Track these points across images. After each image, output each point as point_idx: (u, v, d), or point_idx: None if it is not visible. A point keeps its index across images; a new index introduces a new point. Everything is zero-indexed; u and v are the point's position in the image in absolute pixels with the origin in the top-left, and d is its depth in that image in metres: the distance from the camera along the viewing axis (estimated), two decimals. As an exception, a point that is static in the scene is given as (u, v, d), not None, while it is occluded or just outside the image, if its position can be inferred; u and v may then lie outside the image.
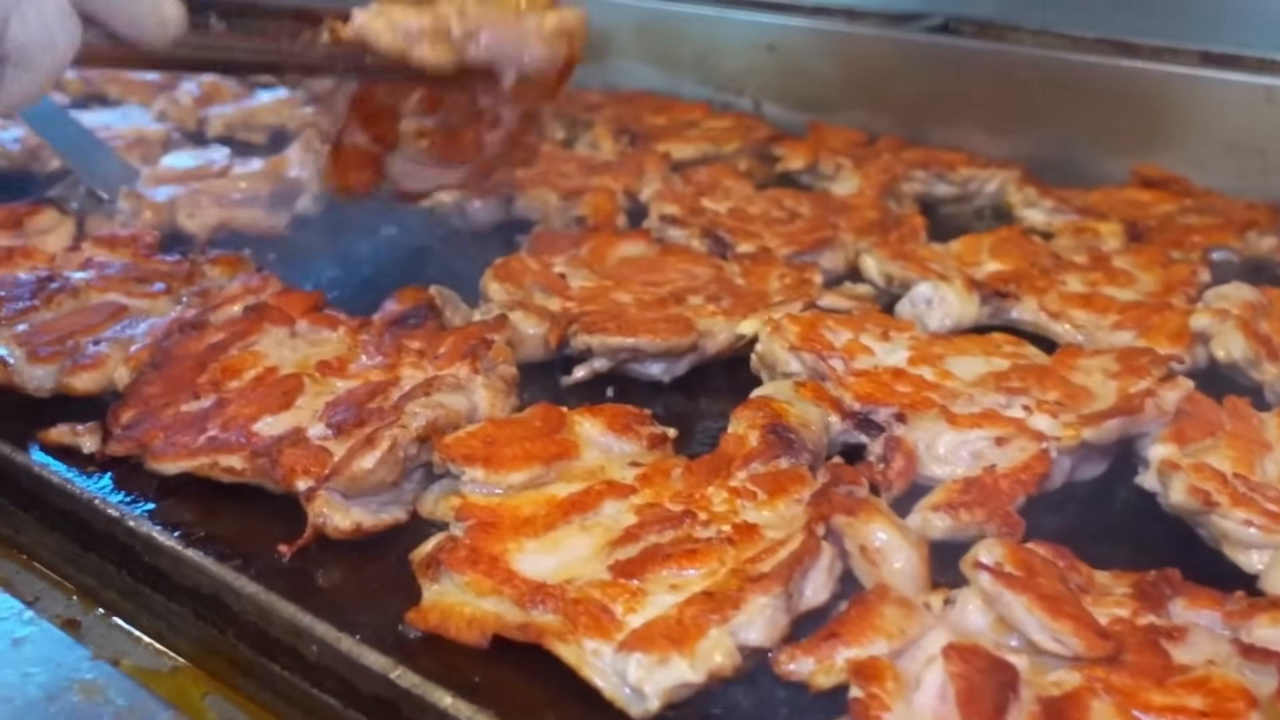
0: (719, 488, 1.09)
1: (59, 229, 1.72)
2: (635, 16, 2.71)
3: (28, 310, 1.44)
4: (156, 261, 1.58)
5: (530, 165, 1.82)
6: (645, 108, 2.50)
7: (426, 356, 1.34)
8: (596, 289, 1.57)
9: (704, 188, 1.98)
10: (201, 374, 1.30)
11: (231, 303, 1.43)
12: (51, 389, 1.34)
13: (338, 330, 1.40)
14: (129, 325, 1.42)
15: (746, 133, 2.33)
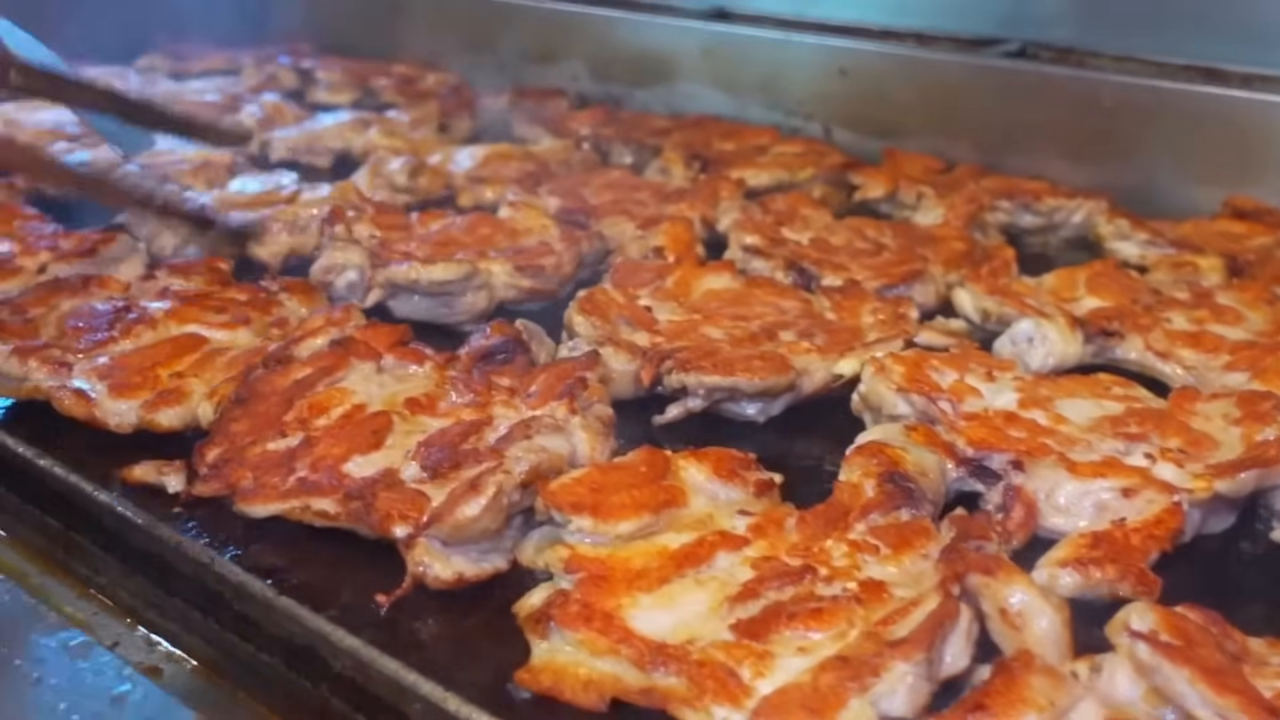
0: (838, 541, 1.04)
1: (131, 257, 1.69)
2: (701, 39, 2.67)
3: (106, 341, 1.40)
4: (232, 290, 1.54)
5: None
6: (713, 133, 2.45)
7: (518, 394, 1.29)
8: (684, 323, 1.52)
9: (783, 217, 1.93)
10: (288, 411, 1.26)
11: (314, 335, 1.39)
12: (134, 424, 1.30)
13: (424, 365, 1.36)
14: (209, 358, 1.38)
15: (819, 159, 2.28)
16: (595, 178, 2.16)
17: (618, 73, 2.78)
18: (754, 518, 1.09)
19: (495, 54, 2.97)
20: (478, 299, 1.58)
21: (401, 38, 3.16)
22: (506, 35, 2.95)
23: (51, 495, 1.26)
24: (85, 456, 1.30)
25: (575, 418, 1.21)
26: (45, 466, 1.26)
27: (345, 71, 2.93)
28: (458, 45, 3.04)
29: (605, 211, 1.95)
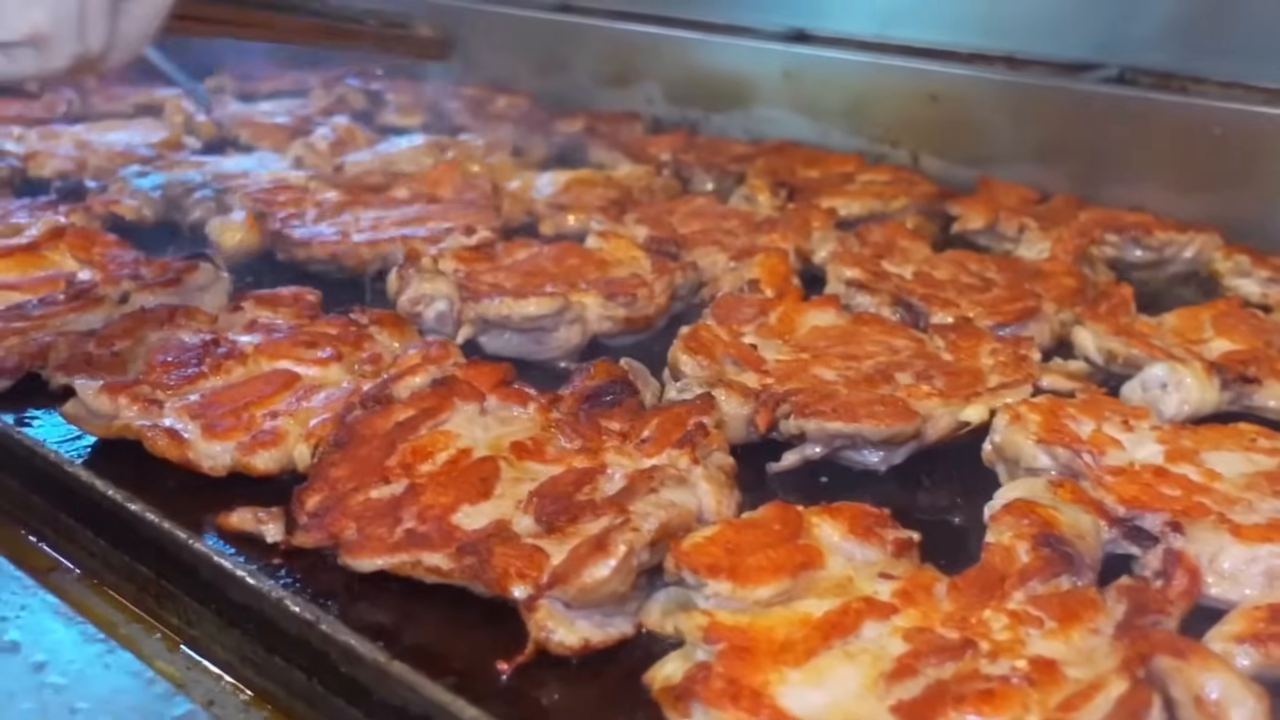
0: (996, 611, 0.96)
1: (216, 285, 1.64)
2: (781, 61, 2.60)
3: (196, 377, 1.35)
4: (322, 324, 1.48)
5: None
6: (796, 159, 2.38)
7: (630, 440, 1.22)
8: (794, 363, 1.45)
9: (881, 249, 1.85)
10: (390, 455, 1.20)
11: (412, 374, 1.33)
12: (228, 467, 1.24)
13: (528, 407, 1.29)
14: (303, 396, 1.32)
15: (909, 187, 2.20)
16: (680, 205, 2.09)
17: (694, 96, 2.72)
18: (898, 582, 1.01)
19: (567, 76, 2.92)
20: (570, 334, 1.51)
21: (470, 59, 3.10)
22: (578, 57, 2.89)
23: (142, 541, 1.20)
24: (176, 499, 1.24)
25: (697, 468, 1.14)
26: (136, 512, 1.20)
27: (414, 94, 2.88)
28: (528, 67, 2.99)
29: (695, 241, 1.89)
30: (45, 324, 1.51)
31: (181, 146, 2.41)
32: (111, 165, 2.25)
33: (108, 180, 2.15)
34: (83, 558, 1.28)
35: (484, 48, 3.11)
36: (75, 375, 1.31)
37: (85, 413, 1.30)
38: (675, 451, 1.17)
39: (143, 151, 2.32)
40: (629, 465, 1.18)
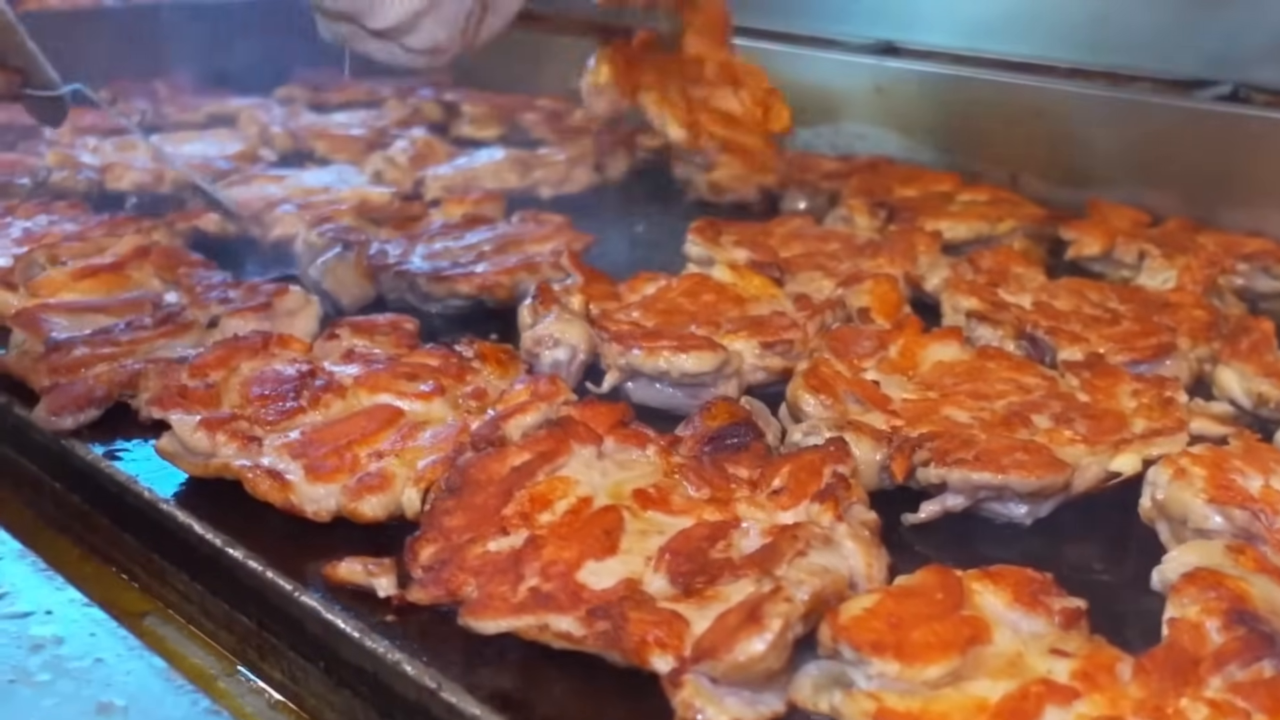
0: (1193, 700, 0.87)
1: (306, 310, 1.57)
2: (875, 76, 2.51)
3: (294, 412, 1.28)
4: (421, 354, 1.41)
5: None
6: (891, 177, 2.29)
7: (760, 489, 1.14)
8: (922, 403, 1.36)
9: (995, 275, 1.76)
10: (507, 503, 1.12)
11: (522, 412, 1.25)
12: (332, 511, 1.17)
13: (647, 449, 1.21)
14: (407, 433, 1.25)
15: (1013, 208, 2.11)
16: (776, 226, 2.01)
17: (779, 110, 2.62)
18: (1075, 660, 0.92)
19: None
20: (728, 388, 1.43)
21: (543, 69, 3.04)
22: (658, 69, 2.81)
23: (243, 589, 1.14)
24: (276, 542, 1.17)
25: (842, 525, 1.06)
26: (237, 559, 1.13)
27: (490, 105, 2.82)
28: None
29: (798, 266, 1.80)
30: (134, 350, 1.45)
31: (257, 159, 2.35)
32: (188, 178, 2.19)
33: (184, 193, 2.10)
34: (178, 602, 1.22)
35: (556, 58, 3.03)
36: (171, 410, 1.25)
37: (181, 449, 1.23)
38: (815, 506, 1.08)
39: (220, 164, 2.26)
40: (764, 519, 1.10)
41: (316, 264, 1.68)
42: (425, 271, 1.66)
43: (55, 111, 1.76)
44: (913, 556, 1.14)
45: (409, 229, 1.88)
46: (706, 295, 1.64)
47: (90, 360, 1.43)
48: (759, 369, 1.47)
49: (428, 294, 1.65)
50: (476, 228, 1.86)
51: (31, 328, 1.48)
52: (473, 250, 1.76)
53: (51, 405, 1.36)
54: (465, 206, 1.98)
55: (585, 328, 1.47)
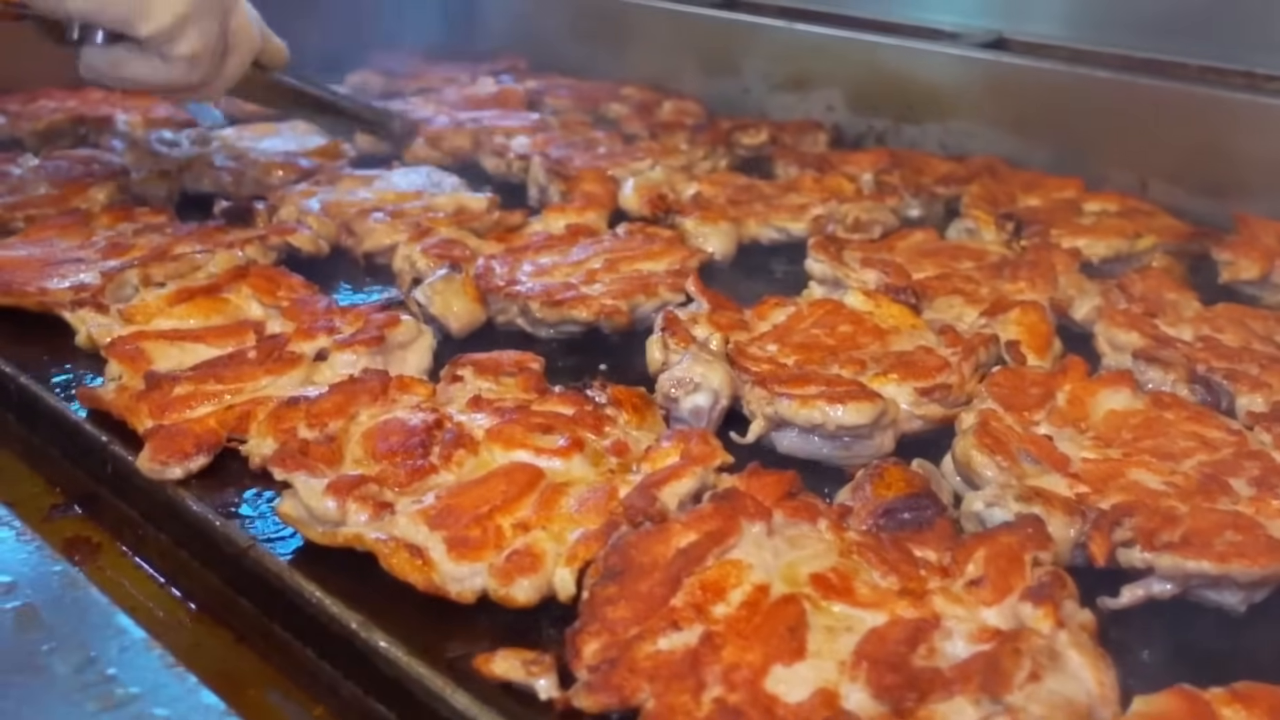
0: None
1: (419, 341, 1.46)
2: (986, 72, 2.37)
3: (425, 471, 1.17)
4: (553, 400, 1.30)
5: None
6: (1011, 183, 2.15)
7: (953, 577, 1.03)
8: (1104, 464, 1.24)
9: (1151, 304, 1.63)
10: (675, 590, 1.01)
11: (677, 478, 1.14)
12: (477, 593, 1.06)
13: (819, 524, 1.10)
14: (550, 498, 1.14)
15: (1149, 221, 1.97)
16: (898, 240, 1.88)
17: (882, 104, 2.49)
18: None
19: (737, 78, 2.71)
20: (884, 440, 1.31)
21: (626, 55, 2.91)
22: (750, 58, 2.67)
23: (382, 677, 1.03)
24: (412, 620, 1.07)
25: (1063, 633, 0.94)
26: (380, 648, 1.03)
27: (574, 94, 2.69)
28: (691, 66, 2.79)
29: (933, 289, 1.68)
30: (239, 388, 1.35)
31: (340, 155, 2.23)
32: (269, 178, 2.09)
33: (268, 195, 1.99)
34: (302, 679, 1.12)
35: (640, 43, 2.91)
36: (295, 471, 1.14)
37: (306, 516, 1.13)
38: (1028, 608, 0.97)
39: (302, 163, 2.15)
40: (965, 616, 0.98)
41: (423, 286, 1.56)
42: (538, 295, 1.55)
43: (58, 32, 1.72)
44: (1118, 650, 1.03)
45: (510, 241, 1.76)
46: (843, 325, 1.52)
47: (194, 399, 1.33)
48: (915, 417, 1.35)
49: (540, 319, 1.53)
50: (581, 241, 1.73)
51: (129, 361, 1.38)
52: (581, 268, 1.64)
53: (157, 452, 1.26)
54: (568, 216, 1.86)
55: (727, 370, 1.35)
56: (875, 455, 1.32)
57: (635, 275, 1.63)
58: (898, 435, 1.34)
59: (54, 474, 1.42)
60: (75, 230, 1.79)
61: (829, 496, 1.21)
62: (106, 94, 2.54)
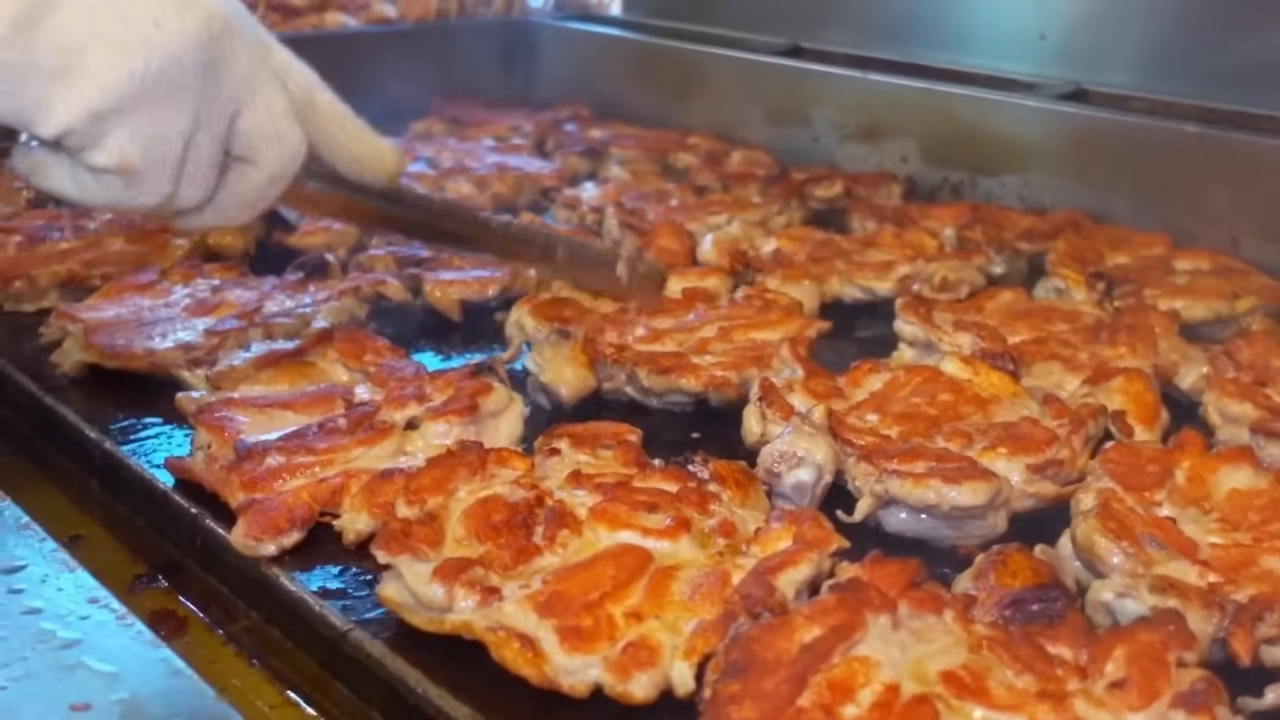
0: None
1: (511, 410, 1.43)
2: (1066, 124, 2.32)
3: (530, 552, 1.14)
4: (655, 475, 1.26)
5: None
6: (1098, 239, 2.10)
7: (1092, 678, 0.98)
8: (1234, 550, 1.19)
9: (1260, 372, 1.58)
10: (801, 689, 0.97)
11: (793, 565, 1.10)
12: (591, 685, 1.02)
13: (944, 615, 1.05)
14: (660, 582, 1.10)
15: (1245, 281, 1.91)
16: (986, 300, 1.84)
17: (958, 156, 2.45)
18: None
19: (806, 128, 2.67)
20: (998, 520, 1.27)
21: (691, 102, 2.89)
22: (821, 107, 2.64)
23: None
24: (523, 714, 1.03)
25: (1222, 744, 0.89)
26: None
27: (640, 143, 2.66)
28: (758, 115, 2.76)
29: (1031, 354, 1.63)
30: (331, 460, 1.32)
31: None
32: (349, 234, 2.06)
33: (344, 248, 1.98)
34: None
35: (706, 92, 2.89)
36: (400, 554, 1.11)
37: (411, 601, 1.09)
38: (1180, 715, 0.92)
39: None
40: (1109, 722, 0.93)
41: (531, 353, 1.53)
42: (646, 362, 1.51)
43: None
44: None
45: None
46: (942, 393, 1.48)
47: (286, 471, 1.30)
48: (1028, 496, 1.30)
49: (649, 388, 1.50)
50: (698, 306, 1.69)
51: (218, 430, 1.35)
52: (695, 335, 1.61)
53: (251, 528, 1.23)
54: (688, 279, 1.80)
55: (831, 444, 1.31)
56: (988, 535, 1.28)
57: (749, 344, 1.59)
58: (1010, 514, 1.29)
59: (137, 543, 1.40)
60: (153, 287, 1.77)
61: (943, 577, 1.17)
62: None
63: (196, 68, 1.09)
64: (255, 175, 1.18)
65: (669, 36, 3.03)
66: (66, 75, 1.05)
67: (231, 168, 1.17)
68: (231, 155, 1.16)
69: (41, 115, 1.06)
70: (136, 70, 1.06)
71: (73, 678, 1.03)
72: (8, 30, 1.03)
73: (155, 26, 1.07)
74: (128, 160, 1.09)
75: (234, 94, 1.13)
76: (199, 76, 1.09)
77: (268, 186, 1.19)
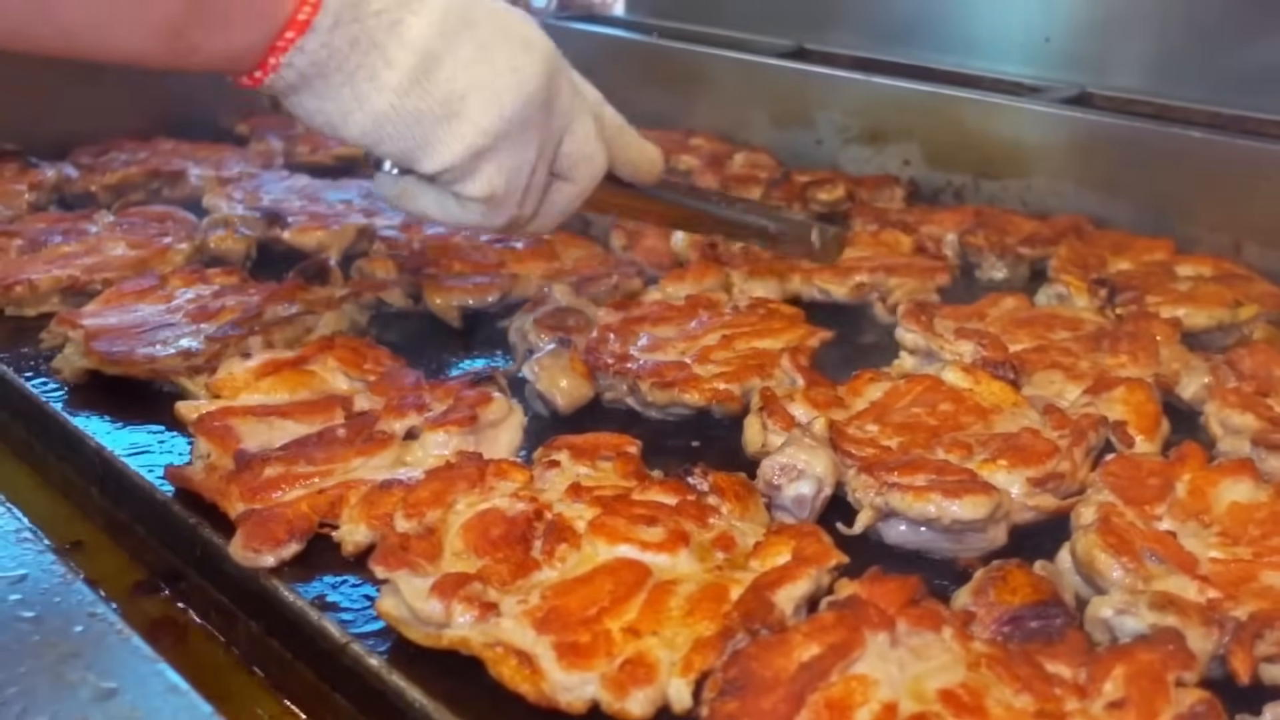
0: None
1: (510, 420, 1.43)
2: (1070, 128, 2.32)
3: (529, 567, 1.13)
4: (654, 487, 1.26)
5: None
6: (1100, 244, 2.10)
7: (1091, 698, 0.98)
8: (1235, 567, 1.18)
9: (1262, 382, 1.57)
10: (799, 708, 0.96)
11: (791, 580, 1.10)
12: (588, 702, 1.02)
13: (942, 632, 1.05)
14: (657, 597, 1.10)
15: (1248, 288, 1.91)
16: (988, 307, 1.83)
17: (961, 160, 2.44)
18: None
19: (809, 130, 2.67)
20: (998, 533, 1.26)
21: (694, 103, 2.88)
22: (824, 110, 2.64)
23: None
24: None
25: (1219, 768, 0.89)
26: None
27: (642, 145, 2.65)
28: (761, 117, 2.75)
29: (1031, 363, 1.62)
30: (330, 470, 1.32)
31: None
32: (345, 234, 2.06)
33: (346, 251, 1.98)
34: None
35: (709, 93, 2.88)
36: (398, 569, 1.10)
37: (409, 615, 1.09)
38: (1180, 735, 0.92)
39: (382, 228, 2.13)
40: (1110, 741, 0.93)
41: (530, 362, 1.53)
42: (648, 374, 1.51)
43: None
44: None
45: (628, 309, 1.72)
46: (943, 403, 1.47)
47: (285, 481, 1.30)
48: (1029, 509, 1.30)
49: (650, 401, 1.49)
50: (700, 313, 1.69)
51: (218, 439, 1.35)
52: (697, 343, 1.60)
53: (250, 539, 1.23)
54: (686, 285, 1.81)
55: (831, 456, 1.31)
56: (987, 548, 1.27)
57: (751, 353, 1.58)
58: (1010, 527, 1.29)
59: (138, 550, 1.40)
60: (153, 293, 1.77)
61: (943, 589, 1.17)
62: (176, 144, 2.55)
63: (541, 103, 1.25)
64: (570, 189, 1.36)
65: (672, 37, 3.03)
66: (450, 120, 1.21)
67: (552, 184, 1.34)
68: (552, 174, 1.33)
69: (428, 154, 1.23)
70: (505, 113, 1.22)
71: (69, 691, 1.03)
72: (405, 81, 1.19)
73: (513, 72, 1.22)
74: (494, 190, 1.26)
75: (562, 123, 1.29)
76: (542, 111, 1.25)
77: (577, 198, 1.37)
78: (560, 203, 1.36)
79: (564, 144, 1.30)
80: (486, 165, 1.24)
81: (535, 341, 1.58)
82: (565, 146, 1.31)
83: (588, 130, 1.32)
